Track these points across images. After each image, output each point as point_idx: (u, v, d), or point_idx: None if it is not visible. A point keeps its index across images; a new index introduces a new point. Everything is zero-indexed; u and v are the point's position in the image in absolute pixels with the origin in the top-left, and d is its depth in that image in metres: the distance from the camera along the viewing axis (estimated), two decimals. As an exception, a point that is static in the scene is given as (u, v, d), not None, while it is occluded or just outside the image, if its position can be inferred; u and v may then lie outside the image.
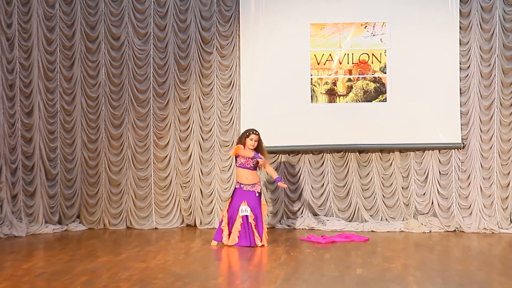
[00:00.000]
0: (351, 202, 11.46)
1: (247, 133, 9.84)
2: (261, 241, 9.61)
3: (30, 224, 10.95)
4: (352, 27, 11.28)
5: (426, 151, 11.30)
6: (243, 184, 9.80)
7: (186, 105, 11.51)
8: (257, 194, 9.78)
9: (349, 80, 11.32)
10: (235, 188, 9.95)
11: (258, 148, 9.84)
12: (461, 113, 11.16)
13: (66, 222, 11.38)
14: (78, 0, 11.37)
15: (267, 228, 10.04)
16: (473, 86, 11.14)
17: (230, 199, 9.92)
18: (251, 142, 9.78)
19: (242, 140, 9.88)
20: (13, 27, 10.97)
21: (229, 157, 11.43)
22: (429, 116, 11.16)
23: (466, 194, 11.18)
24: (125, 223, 11.51)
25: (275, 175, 9.99)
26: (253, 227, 9.63)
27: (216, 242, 9.80)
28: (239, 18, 11.41)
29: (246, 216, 9.63)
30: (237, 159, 9.89)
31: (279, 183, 9.90)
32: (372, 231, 11.06)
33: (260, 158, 9.76)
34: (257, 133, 9.83)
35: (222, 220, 9.84)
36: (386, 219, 11.36)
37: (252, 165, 9.83)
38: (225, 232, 9.73)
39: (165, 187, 11.54)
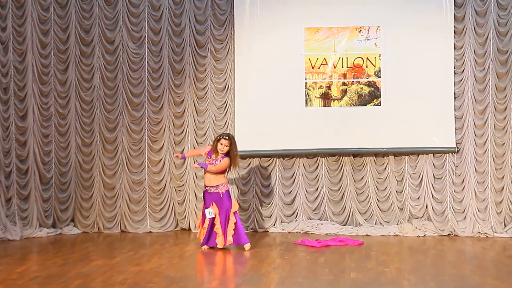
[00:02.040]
0: (345, 206, 11.46)
1: (218, 137, 9.88)
2: (225, 242, 9.67)
3: (24, 227, 10.93)
4: (346, 31, 11.29)
5: (420, 155, 11.31)
6: (207, 186, 9.83)
7: (180, 108, 11.51)
8: (221, 195, 9.75)
9: (344, 84, 11.33)
10: (204, 192, 9.95)
11: (229, 153, 9.81)
12: (455, 117, 11.18)
13: (60, 225, 11.36)
14: (72, 4, 11.37)
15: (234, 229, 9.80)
16: (467, 90, 11.16)
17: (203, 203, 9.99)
18: (220, 146, 9.78)
19: (214, 143, 9.90)
20: (7, 30, 10.96)
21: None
22: (424, 120, 11.17)
23: (460, 198, 11.20)
24: (120, 226, 11.50)
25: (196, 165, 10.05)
26: (218, 229, 9.68)
27: (206, 247, 9.85)
28: (233, 22, 11.42)
29: (213, 218, 9.71)
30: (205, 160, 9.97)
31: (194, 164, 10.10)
32: (367, 235, 11.07)
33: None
34: (228, 138, 9.82)
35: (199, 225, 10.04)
36: (381, 223, 11.37)
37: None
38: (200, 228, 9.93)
39: (160, 191, 11.53)
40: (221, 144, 9.77)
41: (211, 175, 9.78)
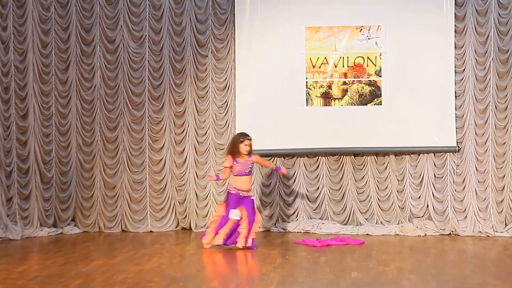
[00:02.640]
0: (346, 205, 11.46)
1: (241, 139, 9.75)
2: (245, 244, 9.55)
3: (25, 227, 10.93)
4: (347, 30, 11.29)
5: (421, 155, 11.31)
6: (241, 190, 9.69)
7: (181, 108, 11.51)
8: (252, 199, 9.76)
9: (344, 83, 11.32)
10: (229, 193, 9.78)
11: (250, 151, 9.80)
12: (456, 116, 11.17)
13: (61, 225, 11.37)
14: (73, 3, 11.37)
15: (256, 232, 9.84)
16: (468, 89, 11.16)
17: (225, 204, 9.80)
18: (245, 147, 9.71)
19: (235, 146, 9.74)
20: (8, 29, 10.96)
21: (224, 161, 11.42)
22: (424, 120, 11.16)
23: (461, 198, 11.19)
24: (120, 226, 11.50)
25: (272, 166, 10.28)
26: (243, 230, 9.55)
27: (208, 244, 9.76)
28: (234, 21, 11.42)
29: (237, 220, 9.58)
30: (232, 168, 9.76)
31: (280, 171, 10.13)
32: (367, 234, 11.06)
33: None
34: (250, 138, 9.79)
35: (211, 223, 9.81)
36: (381, 223, 11.36)
37: (248, 171, 9.78)
38: (210, 234, 9.67)
39: (160, 190, 11.53)
40: (246, 145, 9.69)
41: (246, 179, 9.71)
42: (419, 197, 11.30)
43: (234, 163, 9.73)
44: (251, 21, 11.39)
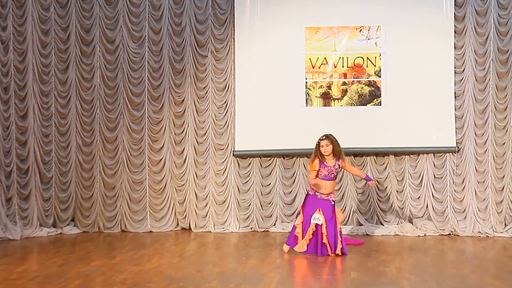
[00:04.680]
0: (346, 205, 11.46)
1: (318, 142, 9.29)
2: (334, 251, 9.11)
3: (25, 227, 10.93)
4: (347, 30, 11.29)
5: (420, 155, 11.31)
6: (319, 193, 9.28)
7: (181, 108, 11.51)
8: (332, 203, 9.30)
9: (344, 83, 11.33)
10: (308, 194, 9.39)
11: (334, 151, 9.30)
12: (455, 116, 11.17)
13: (61, 225, 11.37)
14: (73, 3, 11.37)
15: (341, 236, 9.31)
16: (467, 90, 11.16)
17: (302, 206, 9.42)
18: (322, 149, 9.24)
19: (317, 150, 9.32)
20: (8, 30, 10.96)
21: (224, 160, 11.46)
22: (424, 120, 11.17)
23: (461, 198, 11.20)
24: (120, 226, 11.50)
25: (362, 174, 9.75)
26: (324, 237, 9.12)
27: (288, 248, 9.43)
28: (234, 21, 11.42)
29: (319, 224, 9.17)
30: (319, 172, 9.29)
31: (370, 182, 9.61)
32: (367, 234, 11.07)
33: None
34: (324, 138, 9.29)
35: (296, 227, 9.34)
36: (381, 223, 11.36)
37: (334, 175, 9.35)
38: (299, 240, 9.26)
39: (160, 190, 11.53)
40: (322, 146, 9.23)
41: (330, 183, 9.24)
42: (419, 197, 11.30)
43: (321, 167, 9.28)
44: (250, 22, 11.40)
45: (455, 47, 11.16)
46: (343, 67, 11.32)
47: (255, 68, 11.38)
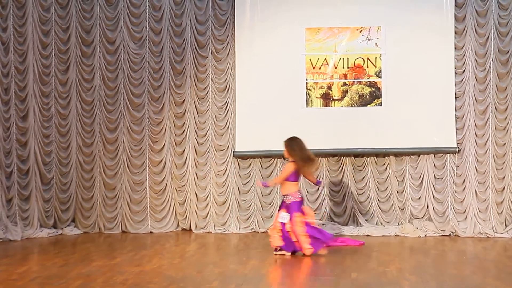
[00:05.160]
0: (346, 206, 11.45)
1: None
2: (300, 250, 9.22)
3: (25, 228, 10.93)
4: (347, 31, 11.29)
5: (421, 156, 11.31)
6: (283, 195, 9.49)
7: (181, 109, 11.51)
8: (289, 202, 9.37)
9: (344, 84, 11.33)
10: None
11: (287, 155, 9.55)
12: (456, 117, 11.17)
13: (61, 226, 11.37)
14: (73, 4, 11.37)
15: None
16: (468, 90, 11.16)
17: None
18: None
19: None
20: (8, 31, 10.96)
21: (225, 161, 11.47)
22: (424, 121, 11.17)
23: (461, 199, 11.19)
24: (120, 227, 11.50)
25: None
26: (291, 234, 9.19)
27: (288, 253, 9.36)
28: (234, 22, 11.42)
29: (283, 223, 9.24)
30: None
31: (263, 184, 10.00)
32: (368, 235, 11.06)
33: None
34: (285, 141, 9.51)
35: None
36: (381, 224, 11.36)
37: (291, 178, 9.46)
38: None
39: (160, 191, 11.53)
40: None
41: (288, 184, 9.41)
42: (419, 198, 11.30)
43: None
44: (251, 22, 11.40)
45: (455, 48, 11.16)
46: (343, 67, 11.32)
47: (255, 69, 11.38)
